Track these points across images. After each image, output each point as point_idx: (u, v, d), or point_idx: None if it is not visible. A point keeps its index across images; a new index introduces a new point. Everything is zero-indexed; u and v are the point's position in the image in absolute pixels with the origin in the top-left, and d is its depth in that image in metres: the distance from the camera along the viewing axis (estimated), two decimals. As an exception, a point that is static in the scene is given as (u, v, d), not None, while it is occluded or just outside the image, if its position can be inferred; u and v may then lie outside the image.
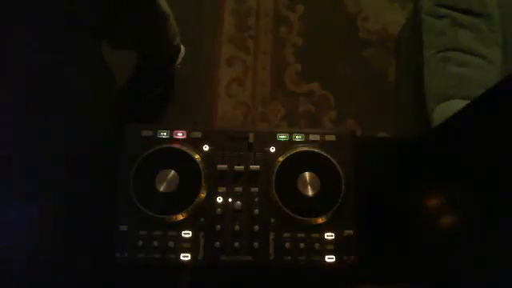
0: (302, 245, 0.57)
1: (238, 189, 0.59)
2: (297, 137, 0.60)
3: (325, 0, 1.58)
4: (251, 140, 0.60)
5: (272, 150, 0.60)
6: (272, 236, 0.57)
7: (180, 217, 0.56)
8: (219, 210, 0.58)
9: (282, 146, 0.60)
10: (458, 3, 0.84)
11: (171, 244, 0.56)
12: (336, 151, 0.59)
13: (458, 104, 0.74)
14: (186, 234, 0.57)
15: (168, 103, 1.41)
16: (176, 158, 0.57)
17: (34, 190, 0.63)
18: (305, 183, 0.57)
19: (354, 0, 1.57)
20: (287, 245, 0.57)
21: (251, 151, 0.60)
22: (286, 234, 0.57)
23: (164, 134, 0.60)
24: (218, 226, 0.57)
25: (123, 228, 0.57)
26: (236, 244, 0.57)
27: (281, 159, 0.58)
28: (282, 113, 1.44)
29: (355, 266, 0.57)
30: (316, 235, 0.57)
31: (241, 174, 0.59)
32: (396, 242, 0.62)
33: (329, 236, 0.57)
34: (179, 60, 1.37)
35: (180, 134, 0.60)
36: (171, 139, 0.59)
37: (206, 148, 0.60)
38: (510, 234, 0.43)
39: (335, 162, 0.58)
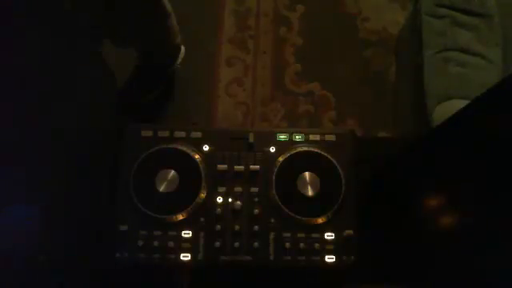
0: (302, 245, 0.57)
1: (238, 189, 0.59)
2: (297, 137, 0.60)
3: (325, 0, 1.58)
4: (251, 140, 0.60)
5: (272, 150, 0.60)
6: (272, 236, 0.57)
7: (180, 217, 0.56)
8: (219, 210, 0.58)
9: (282, 146, 0.60)
10: (457, 3, 0.85)
11: (171, 244, 0.56)
12: (336, 151, 0.59)
13: (458, 104, 0.74)
14: (186, 234, 0.57)
15: (168, 103, 1.41)
16: (176, 158, 0.57)
17: (34, 189, 0.63)
18: (305, 183, 0.57)
19: (354, 0, 1.57)
20: (287, 245, 0.57)
21: (251, 151, 0.60)
22: (286, 234, 0.57)
23: (164, 134, 0.60)
24: (218, 226, 0.57)
25: (123, 228, 0.57)
26: (236, 244, 0.57)
27: (281, 159, 0.58)
28: (282, 113, 1.44)
29: (355, 266, 0.57)
30: (316, 235, 0.57)
31: (241, 174, 0.59)
32: (396, 242, 0.62)
33: (329, 236, 0.57)
34: (179, 60, 1.37)
35: (180, 134, 0.60)
36: (171, 139, 0.59)
37: (205, 148, 0.60)
38: (510, 234, 0.43)
39: (335, 162, 0.58)
